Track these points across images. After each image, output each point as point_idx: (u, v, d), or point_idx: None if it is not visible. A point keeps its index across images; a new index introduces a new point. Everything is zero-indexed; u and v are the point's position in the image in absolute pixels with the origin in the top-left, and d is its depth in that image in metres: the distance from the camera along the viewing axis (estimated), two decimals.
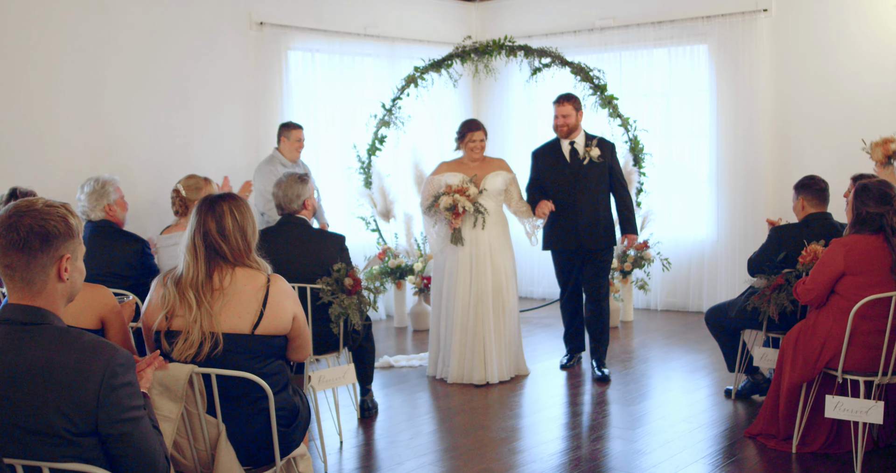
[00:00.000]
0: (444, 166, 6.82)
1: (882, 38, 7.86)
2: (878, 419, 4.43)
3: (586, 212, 6.60)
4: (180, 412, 3.16)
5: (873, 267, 4.59)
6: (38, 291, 2.35)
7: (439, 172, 6.76)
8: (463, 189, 6.49)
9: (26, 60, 6.90)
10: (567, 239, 6.68)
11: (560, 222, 6.67)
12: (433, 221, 6.73)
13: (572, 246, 6.70)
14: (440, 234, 6.72)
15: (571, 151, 6.66)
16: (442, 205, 6.49)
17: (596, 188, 6.64)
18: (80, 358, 2.25)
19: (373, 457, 5.17)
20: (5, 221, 2.34)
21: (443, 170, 6.77)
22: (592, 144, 6.65)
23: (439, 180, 6.69)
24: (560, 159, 6.68)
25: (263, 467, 3.39)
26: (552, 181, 6.69)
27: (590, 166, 6.60)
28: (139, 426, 2.32)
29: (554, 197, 6.63)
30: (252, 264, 3.34)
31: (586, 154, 6.59)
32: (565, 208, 6.61)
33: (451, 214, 6.47)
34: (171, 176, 7.51)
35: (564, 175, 6.63)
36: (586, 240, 6.63)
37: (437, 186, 6.69)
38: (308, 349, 3.55)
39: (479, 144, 6.68)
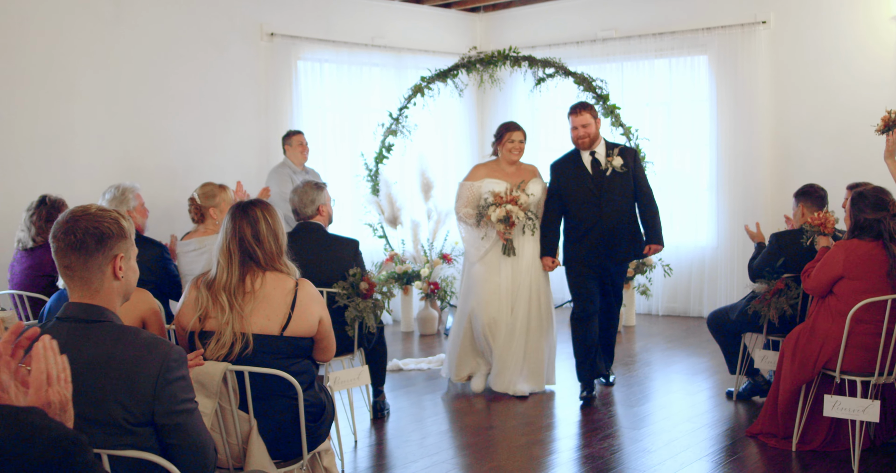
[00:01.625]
0: (480, 169, 6.59)
1: (877, 51, 8.05)
2: (874, 417, 4.62)
3: (612, 225, 6.21)
4: (214, 407, 3.34)
5: (871, 273, 4.78)
6: (97, 289, 2.53)
7: (476, 177, 6.52)
8: (514, 198, 6.22)
9: (47, 70, 7.09)
10: (592, 255, 6.26)
11: (584, 236, 6.28)
12: (480, 232, 6.45)
13: (597, 260, 6.28)
14: (485, 244, 6.45)
15: (593, 161, 6.26)
16: (494, 217, 6.21)
17: (620, 199, 6.25)
18: (138, 354, 2.43)
19: (387, 456, 5.35)
20: (62, 226, 2.52)
21: (479, 174, 6.53)
22: (614, 153, 6.26)
23: (478, 187, 6.43)
24: (581, 171, 6.28)
25: (291, 460, 3.57)
26: (574, 195, 6.29)
27: (613, 177, 6.22)
28: (192, 417, 2.50)
29: (577, 211, 6.29)
30: (282, 268, 3.53)
31: (609, 164, 6.22)
32: (589, 222, 6.23)
33: (506, 226, 6.23)
34: (185, 183, 7.74)
35: (587, 187, 6.24)
36: (612, 255, 6.27)
37: (476, 192, 6.43)
38: (332, 350, 3.73)
39: (518, 145, 6.43)
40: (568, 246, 6.44)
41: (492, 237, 6.41)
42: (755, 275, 5.86)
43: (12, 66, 6.91)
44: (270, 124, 8.57)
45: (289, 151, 7.76)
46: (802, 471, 4.87)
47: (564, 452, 5.32)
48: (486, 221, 6.32)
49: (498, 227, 6.25)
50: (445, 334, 8.78)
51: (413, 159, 9.14)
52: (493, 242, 6.42)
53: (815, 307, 5.07)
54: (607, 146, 6.34)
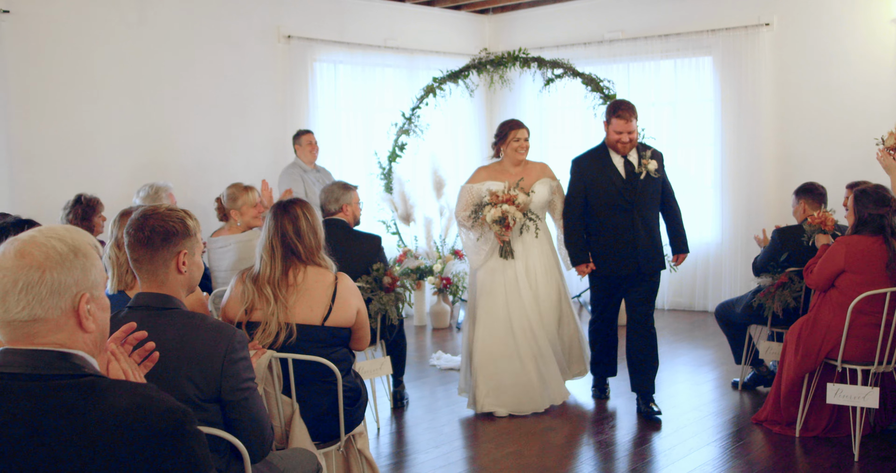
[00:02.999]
0: (482, 172, 6.15)
1: (877, 52, 8.27)
2: (874, 403, 4.87)
3: (642, 232, 5.77)
4: (260, 393, 3.59)
5: (871, 266, 5.04)
6: (162, 281, 2.78)
7: (478, 180, 6.09)
8: (511, 197, 5.75)
9: (73, 73, 7.34)
10: (624, 264, 5.82)
11: (613, 243, 5.82)
12: (476, 233, 6.03)
13: (629, 271, 5.84)
14: (483, 247, 6.05)
15: (625, 163, 5.77)
16: (489, 218, 5.77)
17: (651, 205, 5.84)
18: (206, 337, 2.69)
19: (409, 442, 5.60)
20: (134, 223, 2.78)
21: (481, 177, 6.10)
22: (647, 155, 5.80)
23: (479, 189, 6.00)
24: (611, 173, 5.77)
25: (329, 442, 3.83)
26: (601, 199, 5.81)
27: (646, 181, 5.77)
28: (253, 394, 2.76)
29: (604, 217, 5.83)
30: (321, 263, 3.79)
31: (643, 168, 5.74)
32: (620, 229, 5.78)
33: (501, 227, 5.79)
34: (206, 181, 8.01)
35: (618, 191, 5.74)
36: (644, 263, 5.81)
37: (476, 195, 6.00)
38: (368, 339, 3.99)
39: (523, 143, 6.01)
40: (596, 253, 5.95)
41: (490, 239, 5.99)
42: (760, 270, 6.14)
43: (41, 68, 7.15)
44: (287, 124, 8.81)
45: (299, 151, 8.02)
46: (805, 456, 5.12)
47: (578, 437, 5.57)
48: (481, 222, 5.90)
49: (493, 228, 5.84)
50: (457, 327, 9.03)
51: (425, 158, 9.38)
52: (491, 244, 6.01)
53: (817, 299, 5.33)
54: (637, 147, 5.87)
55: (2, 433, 1.79)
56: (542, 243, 6.10)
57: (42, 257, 1.86)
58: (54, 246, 1.88)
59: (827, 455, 5.09)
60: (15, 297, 1.84)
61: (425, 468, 5.09)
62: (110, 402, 1.80)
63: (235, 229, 5.78)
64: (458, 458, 5.26)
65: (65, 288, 1.87)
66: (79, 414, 1.78)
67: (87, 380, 1.84)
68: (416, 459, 5.27)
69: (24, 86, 7.07)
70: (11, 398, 1.81)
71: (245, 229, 5.74)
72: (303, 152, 7.99)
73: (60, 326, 1.88)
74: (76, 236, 1.94)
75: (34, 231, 1.93)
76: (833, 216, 5.76)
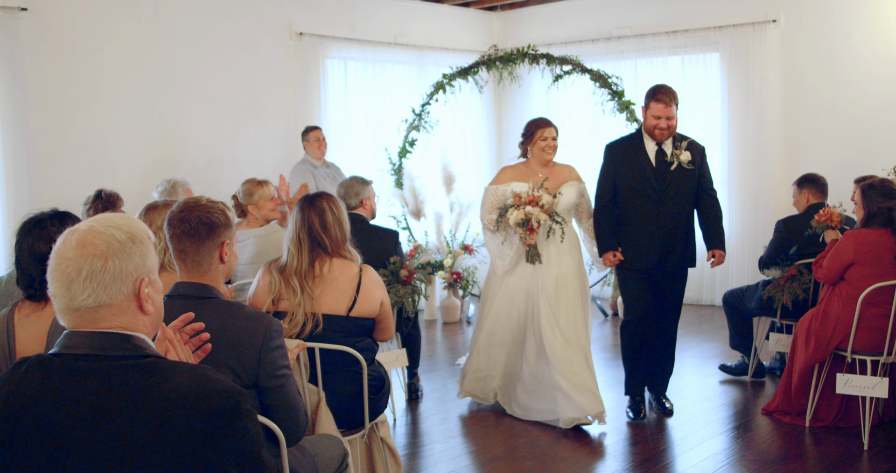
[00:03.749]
0: (507, 172, 5.88)
1: (884, 48, 8.34)
2: (883, 393, 4.97)
3: (669, 224, 5.55)
4: None
5: (880, 258, 5.14)
6: (205, 271, 2.88)
7: (502, 180, 5.82)
8: (534, 198, 5.47)
9: (89, 70, 7.43)
10: (645, 255, 5.60)
11: (636, 234, 5.62)
12: (500, 237, 5.78)
13: (650, 264, 5.61)
14: (507, 252, 5.79)
15: (658, 152, 5.54)
16: (512, 220, 5.48)
17: (681, 198, 5.57)
18: (244, 325, 2.79)
19: (424, 433, 5.70)
20: (177, 215, 2.87)
21: (506, 177, 5.83)
22: (682, 146, 5.54)
23: (504, 190, 5.73)
24: (642, 160, 5.54)
25: (354, 430, 3.93)
26: (630, 185, 5.58)
27: (678, 172, 5.53)
28: (288, 381, 2.85)
29: (632, 205, 5.60)
30: (346, 255, 3.89)
31: (675, 158, 5.52)
32: (644, 220, 5.57)
33: (525, 229, 5.51)
34: (218, 177, 8.11)
35: (647, 180, 5.52)
36: (667, 257, 5.60)
37: (501, 196, 5.73)
38: (391, 330, 4.09)
39: (551, 143, 5.74)
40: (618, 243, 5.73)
41: (514, 243, 5.73)
42: (768, 263, 6.25)
43: (57, 65, 7.25)
44: (299, 121, 8.90)
45: (307, 147, 8.11)
46: (815, 446, 5.22)
47: (594, 427, 5.66)
48: (504, 224, 5.64)
49: (517, 231, 5.57)
50: (468, 321, 9.13)
51: (435, 154, 9.47)
52: (516, 248, 5.75)
53: (827, 291, 5.43)
54: (674, 137, 5.63)
55: (69, 410, 1.88)
56: (571, 249, 5.82)
57: (104, 246, 1.95)
58: (113, 235, 1.98)
59: (836, 444, 5.18)
60: (80, 285, 1.93)
61: (442, 457, 5.19)
62: (172, 382, 1.90)
63: (254, 223, 5.87)
64: (473, 449, 5.37)
65: (126, 274, 1.97)
66: (142, 393, 1.88)
67: (148, 361, 1.94)
68: (431, 449, 5.37)
69: (42, 83, 7.17)
70: (78, 377, 1.91)
71: (263, 222, 5.82)
72: (311, 149, 8.08)
73: (123, 310, 1.97)
74: (132, 223, 2.04)
75: (91, 221, 2.02)
76: (839, 211, 5.85)
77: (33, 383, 1.92)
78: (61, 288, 1.95)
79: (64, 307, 1.96)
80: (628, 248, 5.64)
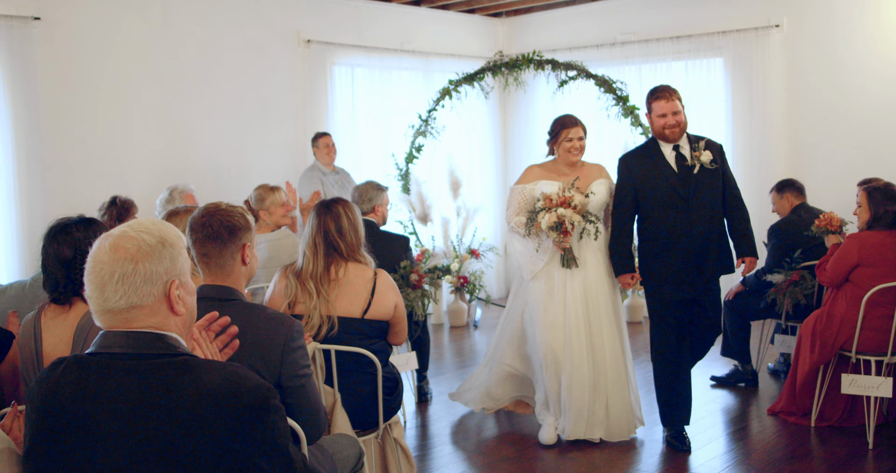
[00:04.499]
0: (534, 170, 5.53)
1: (886, 52, 8.40)
2: (887, 393, 5.05)
3: (702, 235, 5.13)
4: None
5: (885, 260, 5.22)
6: (228, 274, 2.97)
7: (529, 179, 5.49)
8: (566, 199, 5.13)
9: (100, 78, 7.53)
10: (678, 273, 5.16)
11: (666, 249, 5.17)
12: (534, 243, 5.41)
13: (685, 281, 5.17)
14: (542, 258, 5.41)
15: (677, 156, 5.18)
16: (544, 225, 5.14)
17: (710, 202, 5.18)
18: (267, 327, 2.87)
19: (434, 435, 5.78)
20: (199, 220, 2.96)
21: (533, 176, 5.49)
22: (700, 146, 5.19)
23: (531, 190, 5.42)
24: (662, 167, 5.17)
25: (368, 430, 4.01)
26: (653, 197, 5.19)
27: (702, 175, 5.16)
28: (309, 381, 2.94)
29: (657, 217, 5.20)
30: (361, 259, 3.98)
31: (696, 160, 5.15)
32: (674, 231, 5.13)
33: (559, 233, 5.15)
34: (227, 183, 8.21)
35: (671, 188, 5.13)
36: (702, 271, 5.17)
37: (529, 197, 5.42)
38: (405, 333, 4.18)
39: (577, 143, 5.39)
40: (645, 262, 5.31)
41: (548, 249, 5.36)
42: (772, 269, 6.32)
43: (69, 72, 7.35)
44: (307, 127, 8.99)
45: (317, 153, 8.22)
46: (821, 445, 5.29)
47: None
48: (535, 229, 5.27)
49: (550, 235, 5.20)
50: (475, 325, 9.21)
51: (442, 159, 9.56)
52: (551, 254, 5.39)
53: (831, 293, 5.51)
54: (690, 139, 5.28)
55: (105, 407, 1.97)
56: (603, 250, 5.49)
57: (134, 250, 2.05)
58: (144, 239, 2.07)
59: (842, 443, 5.26)
60: (113, 287, 2.03)
61: (452, 459, 5.28)
62: (203, 379, 1.98)
63: (265, 228, 5.95)
64: (483, 450, 5.44)
65: (156, 276, 2.06)
66: (175, 390, 1.97)
67: (181, 359, 2.03)
68: (441, 450, 5.45)
69: (54, 90, 7.27)
70: (114, 375, 2.00)
71: (274, 228, 5.91)
72: (321, 155, 8.18)
73: (155, 310, 2.06)
74: (162, 228, 2.13)
75: (124, 226, 2.11)
76: (838, 216, 5.94)
77: (71, 381, 2.01)
78: (96, 290, 2.04)
79: (98, 308, 2.05)
80: (659, 263, 5.21)
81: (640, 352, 7.70)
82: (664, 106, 5.13)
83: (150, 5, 7.82)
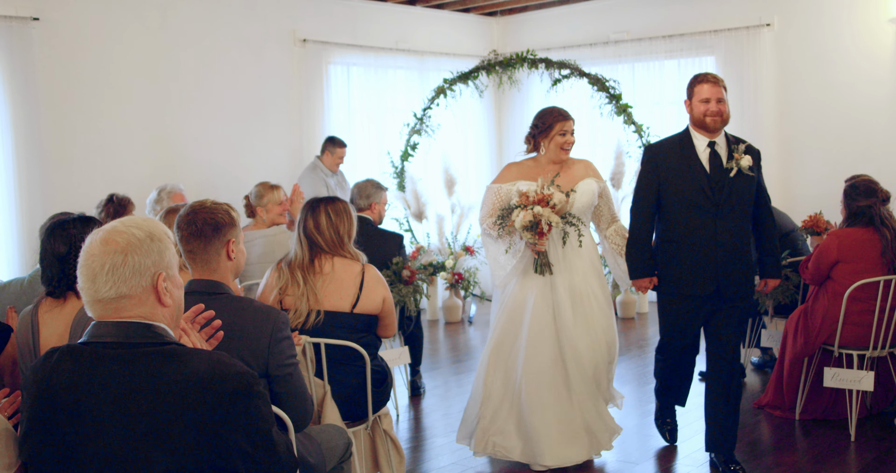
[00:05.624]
0: (512, 169, 5.01)
1: (875, 51, 8.49)
2: (869, 386, 5.15)
3: (729, 243, 4.62)
4: None
5: (864, 255, 5.31)
6: (214, 269, 3.08)
7: (507, 179, 4.96)
8: (544, 197, 4.58)
9: (99, 77, 7.64)
10: (701, 281, 4.66)
11: (687, 255, 4.68)
12: (504, 244, 4.81)
13: (707, 290, 4.67)
14: (510, 261, 4.83)
15: (711, 155, 4.65)
16: (518, 223, 4.59)
17: (741, 212, 4.67)
18: (254, 318, 2.99)
19: (426, 428, 5.89)
20: (185, 218, 3.07)
21: (511, 175, 4.97)
22: (740, 148, 4.66)
23: (508, 190, 4.89)
24: (693, 165, 4.64)
25: (358, 422, 4.12)
26: (679, 195, 4.67)
27: (738, 180, 4.62)
28: (296, 370, 3.05)
29: (682, 218, 4.69)
30: (347, 255, 4.09)
31: (734, 164, 4.61)
32: (698, 237, 4.64)
33: (533, 234, 4.61)
34: (224, 181, 8.32)
35: (700, 189, 4.60)
36: (728, 282, 4.65)
37: (505, 197, 4.89)
38: (394, 327, 4.29)
39: (570, 138, 4.91)
40: (667, 267, 4.80)
41: (520, 251, 4.78)
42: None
43: (68, 72, 7.46)
44: (304, 125, 9.11)
45: (326, 157, 8.37)
46: (805, 437, 5.40)
47: None
48: (509, 228, 4.74)
49: (525, 236, 4.65)
50: (469, 321, 9.32)
51: (437, 157, 9.68)
52: (521, 257, 4.80)
53: (814, 289, 5.61)
54: (728, 139, 4.77)
55: (97, 393, 2.08)
56: (590, 255, 4.98)
57: (124, 243, 2.16)
58: (133, 233, 2.18)
59: (825, 436, 5.37)
60: (103, 278, 2.14)
61: (444, 450, 5.38)
62: (190, 367, 2.09)
63: (261, 224, 6.06)
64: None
65: (144, 269, 2.17)
66: (164, 377, 2.07)
67: (169, 348, 2.14)
68: (433, 442, 5.56)
69: (53, 90, 7.38)
70: (105, 363, 2.11)
71: (270, 224, 6.01)
72: (330, 160, 8.37)
73: (143, 301, 2.17)
74: (151, 224, 2.24)
75: (115, 222, 2.23)
76: (824, 218, 6.05)
77: (65, 369, 2.12)
78: (87, 281, 2.16)
79: (90, 298, 2.17)
80: (677, 271, 4.74)
81: (631, 348, 7.81)
82: (708, 90, 4.62)
83: (148, 6, 7.93)
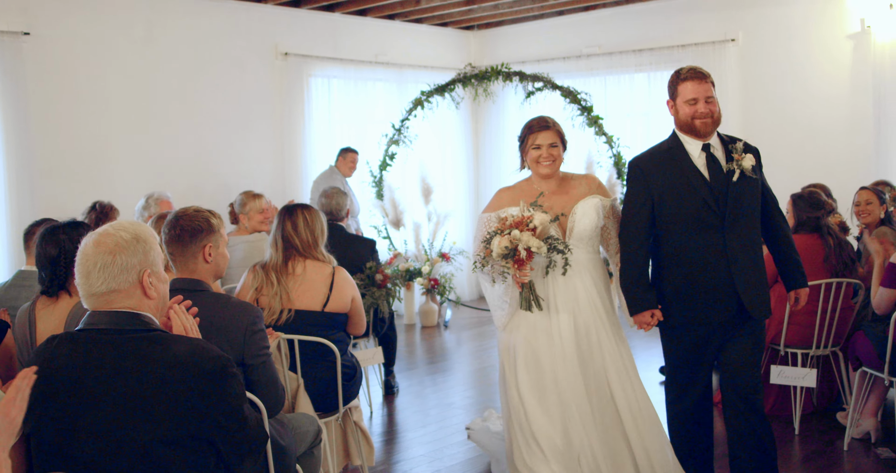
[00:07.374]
0: (503, 195, 4.34)
1: (833, 65, 8.84)
2: (811, 383, 5.48)
3: (742, 259, 4.00)
4: None
5: (810, 261, 5.65)
6: (193, 269, 3.40)
7: (497, 206, 4.29)
8: (524, 219, 3.97)
9: (87, 90, 7.96)
10: (719, 305, 4.01)
11: (694, 279, 4.03)
12: (500, 281, 4.13)
13: (728, 314, 4.03)
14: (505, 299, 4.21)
15: (708, 158, 4.05)
16: (495, 251, 3.97)
17: (750, 221, 4.07)
18: (232, 313, 3.31)
19: (399, 422, 6.20)
20: (168, 223, 3.40)
21: (503, 202, 4.29)
22: (738, 148, 4.08)
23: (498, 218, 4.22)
24: (691, 174, 4.02)
25: (329, 413, 4.44)
26: (679, 212, 4.03)
27: (741, 185, 4.02)
28: (269, 360, 3.36)
29: (682, 237, 4.04)
30: (319, 257, 4.42)
31: (735, 165, 4.03)
32: (707, 256, 3.99)
33: (511, 262, 3.97)
34: (209, 190, 8.62)
35: (702, 201, 3.98)
36: (746, 303, 4.00)
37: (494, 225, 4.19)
38: (363, 325, 4.62)
39: (546, 151, 4.21)
40: (664, 294, 4.13)
41: (510, 285, 4.15)
42: None
43: (58, 85, 7.77)
44: (286, 136, 9.44)
45: (341, 163, 9.07)
46: None
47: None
48: (486, 258, 4.07)
49: (502, 265, 4.01)
50: (445, 325, 9.63)
51: (414, 167, 10.01)
52: (512, 290, 4.18)
53: None
54: (723, 139, 4.18)
55: (92, 373, 2.40)
56: (597, 284, 4.25)
57: (113, 245, 2.48)
58: (121, 236, 2.51)
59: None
60: (96, 275, 2.47)
61: (414, 443, 5.70)
62: (172, 350, 2.42)
63: (243, 231, 6.36)
64: (446, 434, 5.85)
65: (131, 266, 2.50)
66: (150, 359, 2.40)
67: (155, 334, 2.47)
68: (405, 436, 5.88)
69: (43, 102, 7.68)
70: (99, 347, 2.43)
71: (252, 231, 6.31)
72: (344, 166, 9.05)
73: (130, 294, 2.50)
74: (138, 227, 2.56)
75: (107, 226, 2.56)
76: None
77: (64, 353, 2.45)
78: (82, 278, 2.48)
79: (85, 293, 2.49)
80: (683, 298, 4.06)
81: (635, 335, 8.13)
82: (695, 89, 4.06)
83: (135, 21, 8.26)
